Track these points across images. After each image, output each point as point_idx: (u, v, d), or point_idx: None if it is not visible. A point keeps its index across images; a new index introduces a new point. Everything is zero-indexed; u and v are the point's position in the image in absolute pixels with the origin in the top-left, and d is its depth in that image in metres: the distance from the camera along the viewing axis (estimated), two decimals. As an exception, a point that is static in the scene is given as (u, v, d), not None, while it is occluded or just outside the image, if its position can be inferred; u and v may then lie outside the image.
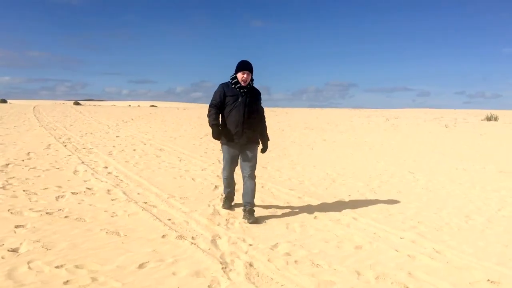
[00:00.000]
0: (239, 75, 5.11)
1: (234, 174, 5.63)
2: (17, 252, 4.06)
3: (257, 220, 5.11)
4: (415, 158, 11.64)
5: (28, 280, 3.46)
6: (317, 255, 4.28)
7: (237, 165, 5.42)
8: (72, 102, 60.46)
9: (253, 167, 5.26)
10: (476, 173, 9.41)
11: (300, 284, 3.59)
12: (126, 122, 22.23)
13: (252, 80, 5.20)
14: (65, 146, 11.61)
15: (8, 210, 5.37)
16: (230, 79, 5.20)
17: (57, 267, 3.74)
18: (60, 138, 13.44)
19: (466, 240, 4.91)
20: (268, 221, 5.33)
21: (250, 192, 5.23)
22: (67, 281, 3.48)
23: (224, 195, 5.76)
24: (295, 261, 4.09)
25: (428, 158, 11.60)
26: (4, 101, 54.62)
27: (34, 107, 35.51)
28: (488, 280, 3.79)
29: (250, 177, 5.26)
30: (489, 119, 33.54)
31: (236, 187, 5.88)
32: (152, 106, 60.07)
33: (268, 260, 4.07)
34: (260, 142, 5.38)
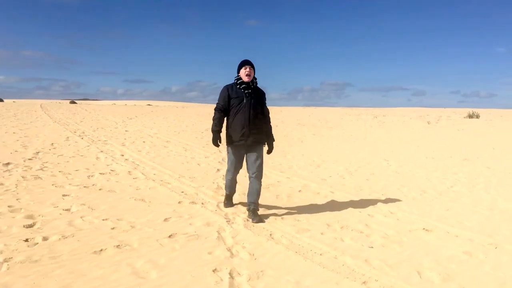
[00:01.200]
0: (242, 71, 5.01)
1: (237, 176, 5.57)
2: (70, 211, 5.22)
3: (260, 220, 5.02)
4: (393, 149, 12.84)
5: (84, 227, 4.63)
6: (299, 215, 5.46)
7: (241, 167, 5.28)
8: (68, 101, 60.84)
9: (260, 168, 5.12)
10: (442, 161, 10.62)
11: (284, 230, 4.78)
12: (131, 118, 23.33)
13: (255, 79, 5.11)
14: (82, 138, 12.75)
15: (52, 185, 6.54)
16: (235, 79, 5.11)
17: (103, 219, 4.91)
18: (75, 132, 14.57)
19: (416, 206, 6.10)
20: (261, 193, 6.51)
21: (255, 192, 5.12)
22: (113, 228, 4.64)
23: (225, 194, 5.69)
24: (282, 218, 5.27)
25: (404, 150, 12.81)
26: (1, 100, 55.19)
27: (40, 105, 36.48)
28: (424, 228, 4.99)
29: (257, 178, 5.12)
30: (471, 116, 34.87)
31: (238, 187, 6.78)
32: (148, 105, 60.82)
33: (283, 219, 5.24)
34: (266, 144, 5.25)
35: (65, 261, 3.70)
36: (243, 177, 6.51)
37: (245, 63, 5.05)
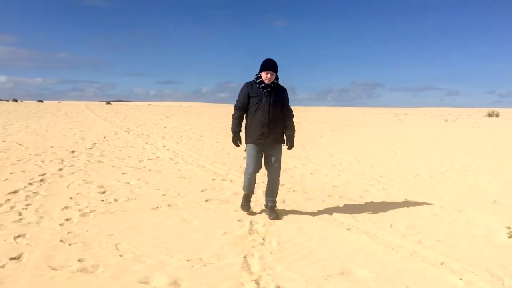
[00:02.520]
0: (263, 75, 4.80)
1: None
2: (130, 183, 6.58)
3: (277, 216, 4.94)
4: (403, 143, 13.76)
5: (142, 193, 5.96)
6: (308, 189, 6.64)
7: (261, 166, 5.04)
8: (104, 102, 63.07)
9: (278, 168, 5.02)
10: (445, 153, 11.51)
11: (294, 198, 5.96)
12: (167, 117, 24.96)
13: (277, 78, 4.89)
14: (128, 133, 14.29)
15: (112, 166, 7.96)
16: (255, 78, 4.90)
17: (155, 189, 6.24)
18: (121, 128, 16.18)
19: (407, 185, 7.16)
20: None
21: (273, 191, 5.07)
22: (164, 194, 5.96)
23: (244, 193, 5.26)
24: (294, 191, 6.46)
25: (413, 143, 13.70)
26: (41, 101, 58.34)
27: (85, 105, 38.82)
28: (405, 199, 6.07)
29: (275, 177, 5.04)
30: (490, 115, 34.85)
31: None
32: (181, 106, 62.76)
33: (294, 192, 6.44)
34: (286, 138, 5.05)
35: (132, 213, 5.03)
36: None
37: (267, 67, 4.79)
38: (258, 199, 5.73)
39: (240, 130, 5.04)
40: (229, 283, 3.25)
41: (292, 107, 5.12)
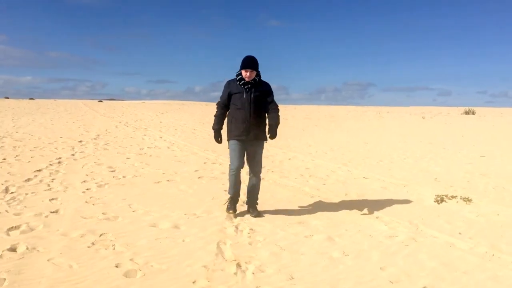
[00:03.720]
0: (243, 72, 4.66)
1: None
2: (134, 165, 7.62)
3: (259, 214, 4.80)
4: (376, 136, 14.93)
5: (145, 172, 7.01)
6: (284, 170, 7.71)
7: (243, 162, 4.85)
8: (96, 100, 63.06)
9: (259, 165, 4.86)
10: (411, 144, 12.68)
11: (271, 177, 7.05)
12: (162, 113, 25.91)
13: (258, 75, 4.73)
14: (127, 126, 15.27)
15: (117, 153, 8.98)
16: (236, 75, 4.78)
17: (156, 169, 7.29)
18: (120, 122, 17.14)
19: (368, 167, 8.28)
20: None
21: (254, 189, 4.89)
22: (163, 173, 7.00)
23: (229, 196, 4.94)
24: (272, 171, 7.54)
25: (385, 136, 14.87)
26: (32, 99, 58.62)
27: (83, 103, 39.51)
28: (364, 177, 7.20)
29: (255, 175, 4.86)
30: (467, 113, 36.36)
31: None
32: (175, 103, 63.64)
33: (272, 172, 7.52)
34: (268, 128, 4.71)
35: (139, 185, 6.08)
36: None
37: (247, 65, 4.65)
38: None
39: (220, 128, 4.95)
40: (216, 227, 4.31)
41: (282, 106, 6.08)
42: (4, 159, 7.71)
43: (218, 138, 4.97)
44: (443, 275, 3.31)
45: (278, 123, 4.70)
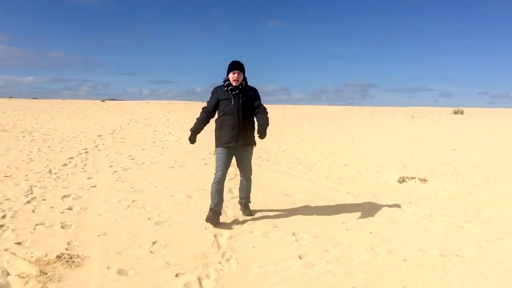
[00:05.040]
0: (230, 76, 4.54)
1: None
2: (150, 155, 8.73)
3: (251, 213, 4.84)
4: (364, 132, 16.02)
5: (160, 160, 8.12)
6: (277, 159, 8.82)
7: (228, 169, 4.69)
8: (99, 100, 63.33)
9: (249, 169, 4.83)
10: (393, 139, 13.77)
11: (265, 164, 8.15)
12: (168, 112, 27.02)
13: (245, 79, 4.62)
14: (138, 124, 16.39)
15: (133, 145, 10.11)
16: (223, 81, 4.65)
17: (169, 158, 8.40)
18: (131, 120, 18.26)
19: (351, 157, 9.37)
20: (257, 150, 9.88)
21: (245, 190, 4.87)
22: (176, 161, 8.11)
23: (210, 208, 4.52)
24: (267, 160, 8.65)
25: (373, 132, 15.96)
26: (35, 98, 59.53)
27: (93, 103, 40.63)
28: (344, 164, 8.30)
29: (246, 179, 4.84)
30: (456, 112, 37.38)
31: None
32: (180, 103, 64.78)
33: (267, 161, 8.63)
34: (257, 128, 4.50)
35: (156, 169, 7.19)
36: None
37: (233, 67, 4.54)
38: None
39: (198, 131, 4.87)
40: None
41: (282, 106, 7.18)
42: (39, 149, 8.84)
43: (193, 139, 4.93)
44: (387, 226, 4.42)
45: (268, 123, 4.49)
